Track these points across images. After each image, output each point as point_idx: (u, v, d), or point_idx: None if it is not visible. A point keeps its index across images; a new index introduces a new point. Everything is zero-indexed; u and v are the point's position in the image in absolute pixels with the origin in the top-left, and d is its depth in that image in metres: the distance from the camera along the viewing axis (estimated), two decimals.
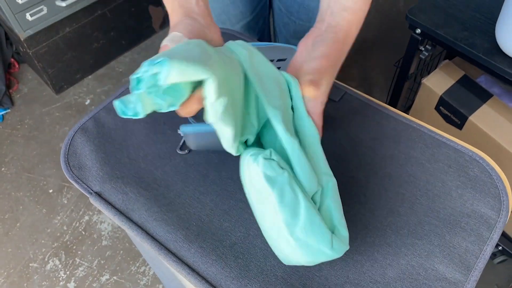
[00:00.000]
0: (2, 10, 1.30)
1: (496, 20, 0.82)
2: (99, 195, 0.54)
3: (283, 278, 0.47)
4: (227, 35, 0.72)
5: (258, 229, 0.50)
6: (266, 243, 0.49)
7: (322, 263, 0.48)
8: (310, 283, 0.47)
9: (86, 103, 1.62)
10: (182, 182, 0.55)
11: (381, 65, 1.68)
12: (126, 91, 0.65)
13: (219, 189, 0.54)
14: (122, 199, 0.53)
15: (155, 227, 0.51)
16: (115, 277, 1.23)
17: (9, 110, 1.62)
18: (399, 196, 0.52)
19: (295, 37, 0.98)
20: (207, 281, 0.47)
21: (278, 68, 0.61)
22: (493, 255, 1.18)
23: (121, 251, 1.27)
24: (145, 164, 0.56)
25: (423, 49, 0.97)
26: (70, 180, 0.56)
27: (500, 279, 1.18)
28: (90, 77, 1.70)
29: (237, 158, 0.45)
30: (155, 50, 1.77)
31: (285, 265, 0.47)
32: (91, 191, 0.54)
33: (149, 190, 0.54)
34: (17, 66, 1.74)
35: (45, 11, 1.37)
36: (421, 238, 0.49)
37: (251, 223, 0.50)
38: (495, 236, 0.49)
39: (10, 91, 1.67)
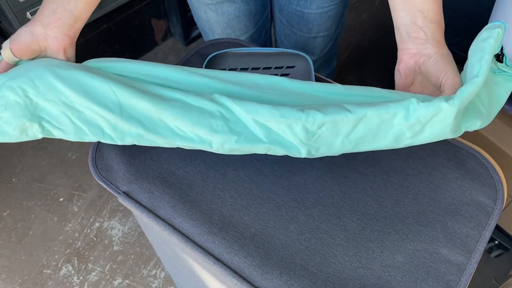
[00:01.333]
0: (2, 8, 1.31)
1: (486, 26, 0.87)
2: (127, 194, 0.58)
3: (301, 265, 0.51)
4: (236, 44, 0.77)
5: (276, 221, 0.54)
6: (284, 234, 0.53)
7: (337, 250, 0.52)
8: (326, 269, 0.51)
9: None
10: (202, 181, 0.59)
11: (377, 71, 1.74)
12: None
13: (237, 186, 0.58)
14: (149, 198, 0.58)
15: (180, 222, 0.55)
16: (127, 281, 1.27)
17: None
18: (403, 188, 0.56)
19: (296, 48, 1.04)
20: (231, 270, 0.51)
21: (287, 74, 0.66)
22: (490, 249, 1.23)
23: (132, 256, 1.31)
24: (168, 165, 0.61)
25: None
26: (99, 182, 0.60)
27: (497, 272, 1.23)
28: None
29: (254, 157, 0.51)
30: (157, 61, 1.82)
31: (302, 253, 0.52)
32: (119, 191, 0.59)
33: (173, 189, 0.58)
34: None
35: None
36: (426, 225, 0.54)
37: (269, 217, 0.55)
38: (493, 222, 0.54)
39: None
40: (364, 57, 1.76)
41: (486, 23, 0.90)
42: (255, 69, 0.65)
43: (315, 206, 0.55)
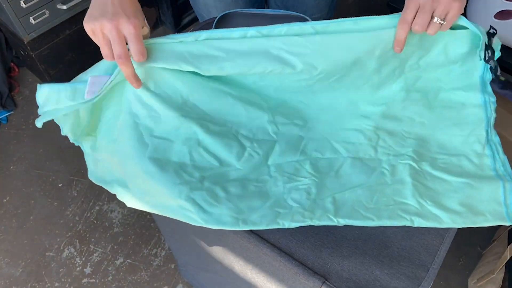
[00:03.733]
0: (7, 14, 1.36)
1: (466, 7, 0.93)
2: None
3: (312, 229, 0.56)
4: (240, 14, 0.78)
5: None
6: None
7: None
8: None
9: None
10: None
11: None
12: None
13: None
14: None
15: None
16: (129, 260, 1.31)
17: (13, 112, 1.68)
18: None
19: None
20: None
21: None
22: None
23: (133, 236, 1.35)
24: None
25: None
26: None
27: (482, 241, 1.30)
28: None
29: None
30: None
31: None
32: None
33: None
34: (16, 70, 1.80)
35: (47, 14, 1.44)
36: None
37: None
38: None
39: (12, 93, 1.73)
40: None
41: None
42: None
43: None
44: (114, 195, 0.63)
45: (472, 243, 1.30)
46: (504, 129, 1.06)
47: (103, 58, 0.60)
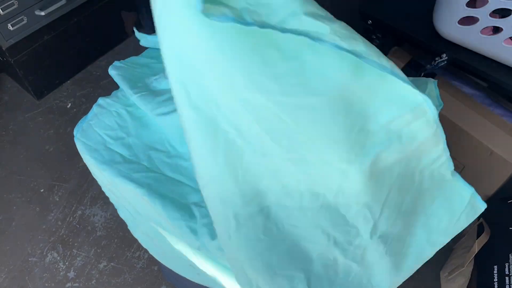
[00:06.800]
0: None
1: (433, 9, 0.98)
2: None
3: None
4: None
5: None
6: None
7: None
8: None
9: (68, 106, 1.70)
10: None
11: None
12: None
13: None
14: None
15: None
16: (112, 264, 1.33)
17: None
18: None
19: None
20: None
21: None
22: None
23: (116, 239, 1.37)
24: None
25: (374, 37, 1.12)
26: None
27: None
28: (68, 82, 1.78)
29: None
30: (128, 53, 1.86)
31: None
32: None
33: None
34: None
35: (25, 20, 1.45)
36: None
37: None
38: None
39: None
40: None
41: (433, 6, 1.00)
42: None
43: None
44: (96, 199, 0.65)
45: None
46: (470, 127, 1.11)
47: (80, 62, 0.62)
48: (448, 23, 0.93)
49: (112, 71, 0.82)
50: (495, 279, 1.02)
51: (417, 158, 0.58)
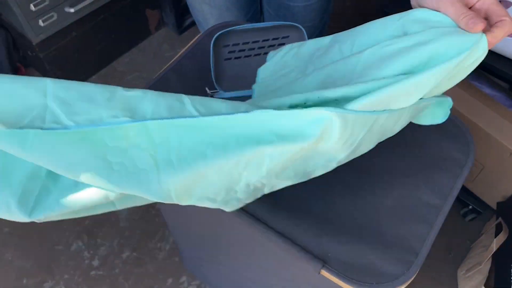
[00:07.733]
0: (17, 17, 1.42)
1: None
2: None
3: (305, 210, 0.63)
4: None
5: None
6: (291, 186, 0.63)
7: (336, 197, 0.64)
8: (326, 213, 0.63)
9: None
10: None
11: None
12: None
13: None
14: None
15: None
16: (135, 254, 1.37)
17: None
18: (391, 147, 0.67)
19: None
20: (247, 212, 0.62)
21: (283, 44, 0.77)
22: (465, 214, 1.37)
23: (138, 231, 1.41)
24: None
25: None
26: None
27: (471, 235, 1.37)
28: (94, 77, 1.83)
29: None
30: (152, 50, 1.91)
31: (306, 200, 0.63)
32: None
33: None
34: (23, 70, 1.85)
35: (55, 17, 1.50)
36: (410, 176, 0.66)
37: None
38: (465, 173, 0.67)
39: None
40: None
41: None
42: (255, 42, 0.76)
43: None
44: None
45: (462, 237, 1.37)
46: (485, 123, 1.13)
47: (105, 58, 0.61)
48: None
49: None
50: None
51: None
